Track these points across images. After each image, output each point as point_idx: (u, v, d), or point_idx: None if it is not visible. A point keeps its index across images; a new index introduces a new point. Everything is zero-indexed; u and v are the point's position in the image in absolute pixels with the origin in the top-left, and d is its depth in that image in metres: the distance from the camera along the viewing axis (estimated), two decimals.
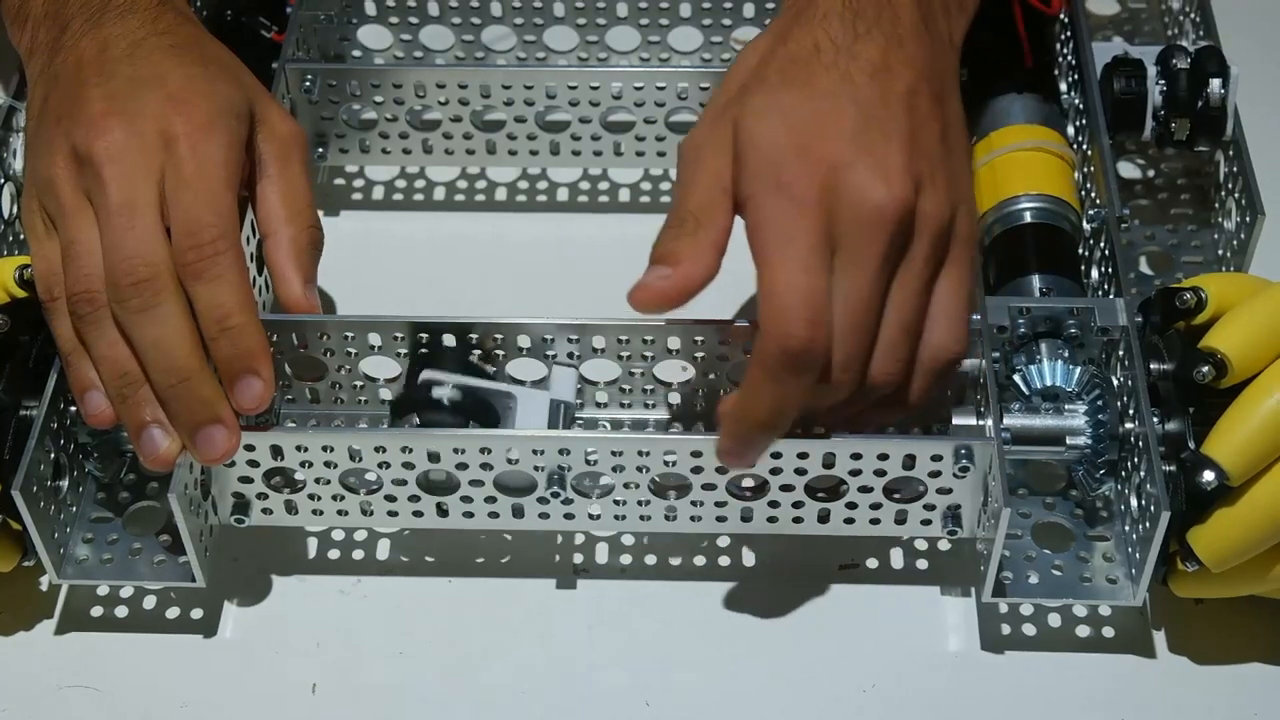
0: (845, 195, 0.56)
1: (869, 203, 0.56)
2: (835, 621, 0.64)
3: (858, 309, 0.57)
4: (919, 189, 0.57)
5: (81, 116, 0.61)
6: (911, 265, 0.58)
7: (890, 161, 0.57)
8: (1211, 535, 0.58)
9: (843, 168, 0.57)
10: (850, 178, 0.57)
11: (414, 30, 0.81)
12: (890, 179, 0.57)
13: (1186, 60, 0.72)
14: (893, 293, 0.57)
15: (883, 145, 0.57)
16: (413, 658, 0.64)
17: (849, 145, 0.57)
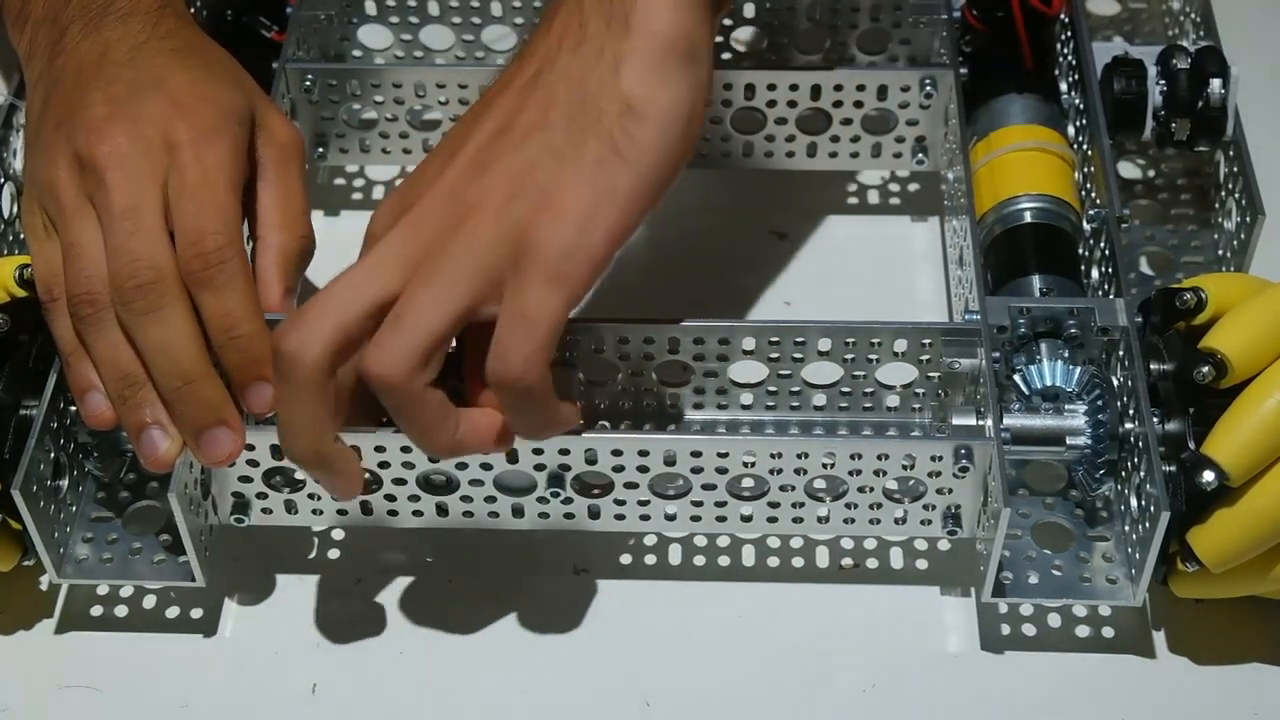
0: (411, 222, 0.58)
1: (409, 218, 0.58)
2: (835, 621, 0.64)
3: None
4: (464, 209, 0.57)
5: (83, 121, 0.61)
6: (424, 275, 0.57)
7: (437, 181, 0.58)
8: (1211, 536, 0.58)
9: (420, 192, 0.58)
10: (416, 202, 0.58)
11: (414, 30, 0.81)
12: (430, 196, 0.58)
13: (1187, 60, 0.72)
14: None
15: (444, 170, 0.58)
16: (413, 658, 0.64)
17: (431, 174, 0.59)
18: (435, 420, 0.57)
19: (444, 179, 0.57)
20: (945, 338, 0.64)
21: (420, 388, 0.56)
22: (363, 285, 0.56)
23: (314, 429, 0.57)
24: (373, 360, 0.55)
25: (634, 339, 0.65)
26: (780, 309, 0.74)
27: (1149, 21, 0.85)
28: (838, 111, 0.74)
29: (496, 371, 0.55)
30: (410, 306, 0.55)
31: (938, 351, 0.64)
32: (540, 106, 0.57)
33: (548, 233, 0.55)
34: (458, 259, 0.55)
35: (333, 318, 0.56)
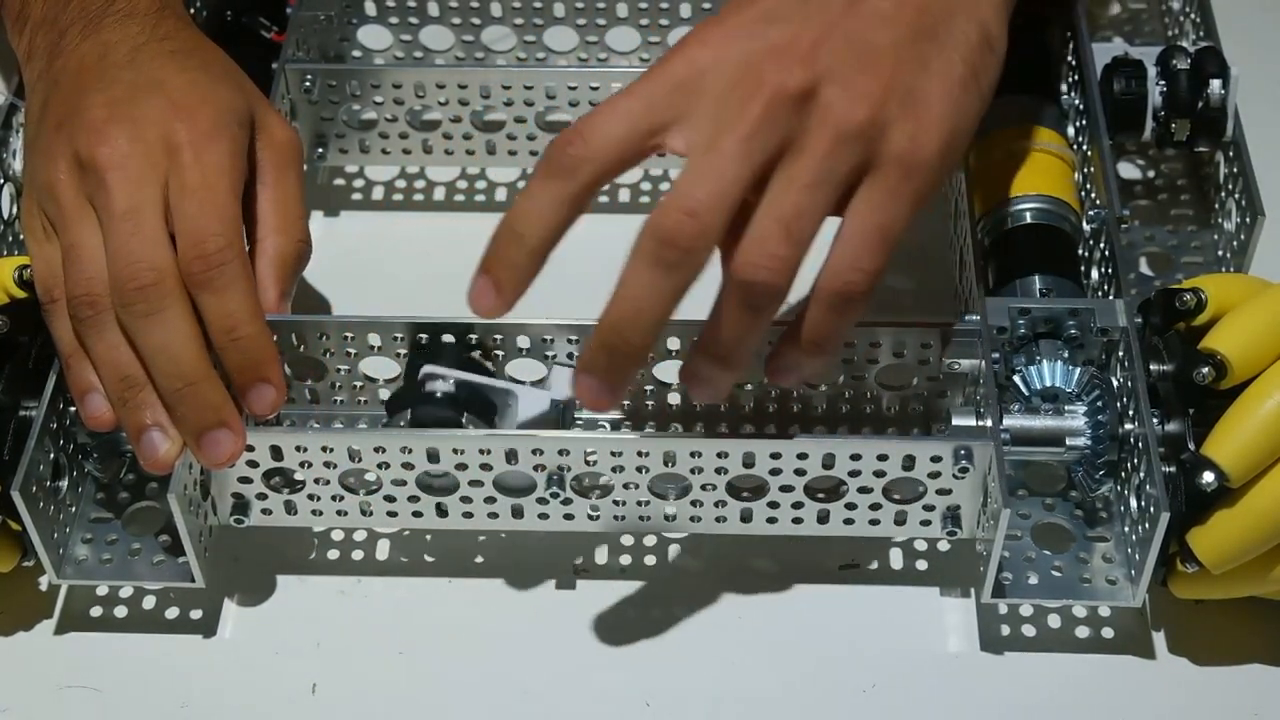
0: (725, 66, 0.54)
1: (746, 77, 0.53)
2: (835, 621, 0.64)
3: (710, 170, 0.53)
4: (819, 84, 0.53)
5: (83, 122, 0.61)
6: (798, 157, 0.53)
7: (791, 44, 0.53)
8: (1211, 536, 0.58)
9: (739, 39, 0.54)
10: (738, 48, 0.54)
11: (414, 30, 0.81)
12: (780, 61, 0.53)
13: (1186, 61, 0.72)
14: (772, 183, 0.53)
15: (793, 27, 0.54)
16: (413, 658, 0.64)
17: (759, 21, 0.54)
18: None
19: (809, 38, 0.53)
20: (945, 338, 0.64)
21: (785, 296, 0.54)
22: (742, 159, 0.53)
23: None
24: (769, 273, 0.53)
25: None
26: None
27: (1149, 22, 0.85)
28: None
29: (850, 285, 0.54)
30: (805, 214, 0.53)
31: (937, 352, 0.64)
32: (909, 6, 0.55)
33: (922, 150, 0.54)
34: (836, 158, 0.53)
35: (714, 186, 0.52)
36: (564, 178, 0.54)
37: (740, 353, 0.56)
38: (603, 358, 0.55)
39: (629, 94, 0.54)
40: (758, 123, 0.53)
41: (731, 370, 0.56)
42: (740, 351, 0.56)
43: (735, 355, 0.56)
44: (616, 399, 0.56)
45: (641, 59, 0.82)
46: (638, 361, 0.55)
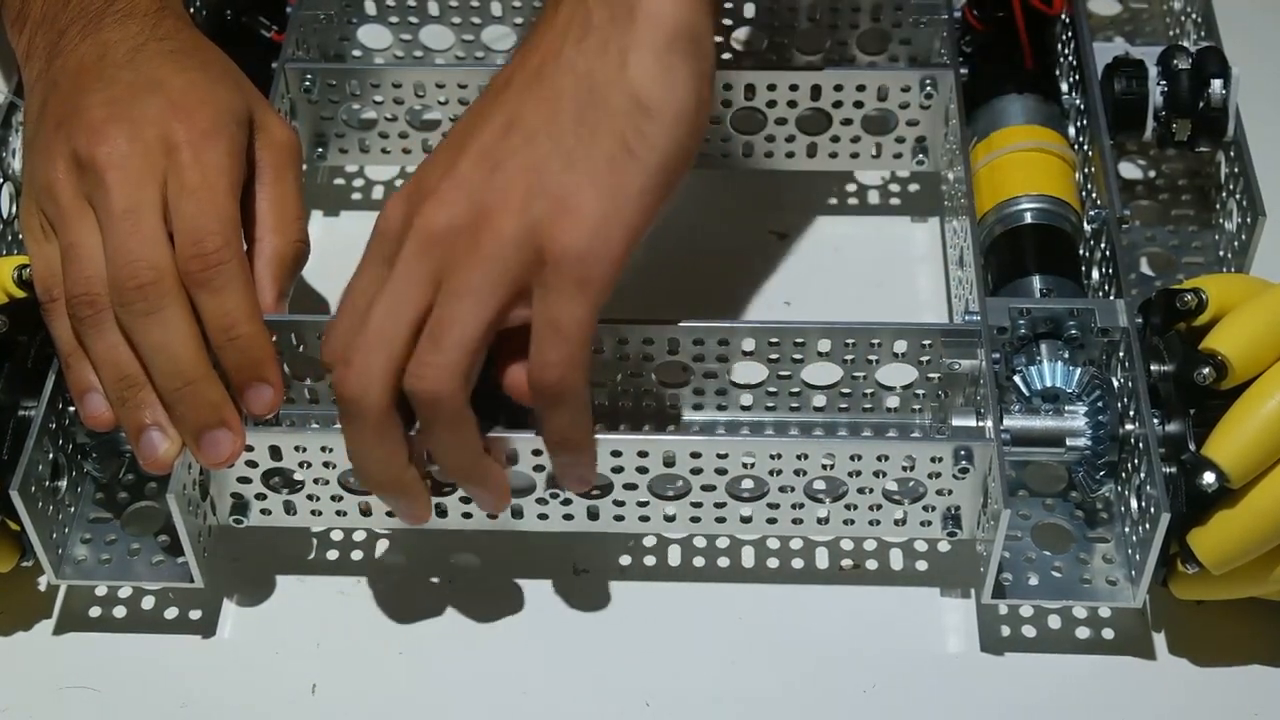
0: (392, 236, 0.58)
1: (402, 232, 0.57)
2: (835, 622, 0.64)
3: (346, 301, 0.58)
4: (469, 210, 0.56)
5: (82, 122, 0.61)
6: (450, 275, 0.56)
7: (431, 189, 0.57)
8: (1212, 537, 0.58)
9: (395, 206, 0.58)
10: (397, 216, 0.58)
11: (414, 30, 0.81)
12: (422, 204, 0.57)
13: (1188, 61, 0.72)
14: None
15: (432, 175, 0.57)
16: (413, 658, 0.64)
17: (411, 186, 0.58)
18: (473, 437, 0.58)
19: (456, 174, 0.56)
20: (945, 339, 0.64)
21: (465, 401, 0.56)
22: (399, 308, 0.56)
23: (393, 461, 0.58)
24: (422, 380, 0.55)
25: (633, 340, 0.65)
26: (780, 309, 0.74)
27: (1150, 22, 0.85)
28: (838, 112, 0.74)
29: (539, 380, 0.56)
30: (447, 322, 0.55)
31: (938, 352, 0.64)
32: (548, 102, 0.56)
33: (568, 238, 0.54)
34: (485, 268, 0.55)
35: (382, 352, 0.56)
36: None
37: (467, 465, 0.59)
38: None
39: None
40: (409, 262, 0.56)
41: (483, 484, 0.59)
42: (466, 465, 0.59)
43: (471, 470, 0.59)
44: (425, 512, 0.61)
45: None
46: (397, 487, 0.59)
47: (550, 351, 0.55)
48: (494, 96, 0.58)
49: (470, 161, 0.56)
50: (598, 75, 0.55)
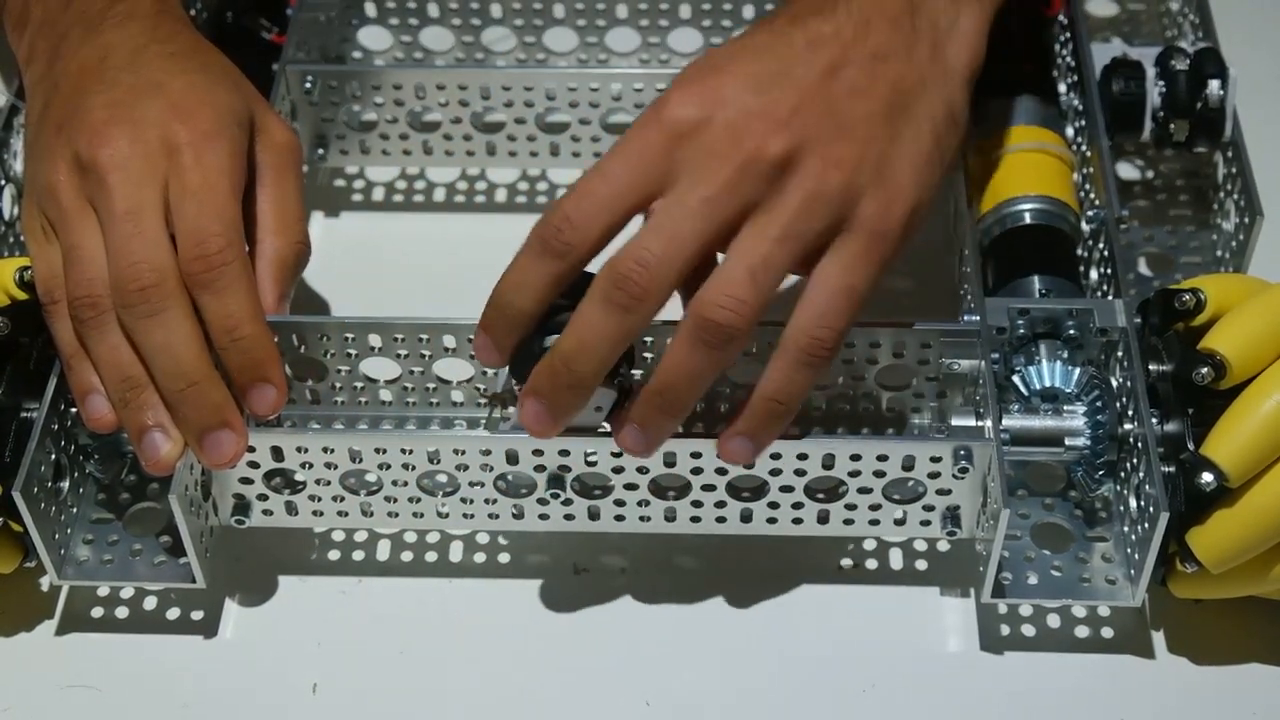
0: (706, 129, 0.55)
1: (721, 141, 0.55)
2: (835, 621, 0.64)
3: (668, 224, 0.55)
4: (798, 149, 0.55)
5: (84, 124, 0.61)
6: (770, 214, 0.55)
7: (770, 109, 0.55)
8: (1210, 536, 0.58)
9: (722, 103, 0.56)
10: (723, 114, 0.55)
11: (414, 32, 0.81)
12: (761, 124, 0.55)
13: (1185, 61, 0.72)
14: (741, 234, 0.55)
15: (774, 94, 0.55)
16: (413, 658, 0.64)
17: (741, 86, 0.56)
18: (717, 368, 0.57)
19: (799, 110, 0.55)
20: (944, 339, 0.64)
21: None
22: (702, 224, 0.55)
23: (549, 291, 0.57)
24: (724, 311, 0.55)
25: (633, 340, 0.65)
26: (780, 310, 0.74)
27: (1148, 23, 0.85)
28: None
29: (822, 339, 0.55)
30: (763, 263, 0.55)
31: (937, 353, 0.64)
32: (888, 83, 0.57)
33: (891, 218, 0.56)
34: (799, 216, 0.55)
35: (669, 239, 0.55)
36: (554, 259, 0.56)
37: (686, 399, 0.57)
38: (547, 384, 0.57)
39: (612, 172, 0.56)
40: (726, 184, 0.55)
41: (674, 418, 0.58)
42: (687, 398, 0.57)
43: (681, 401, 0.57)
44: (557, 427, 0.58)
45: (641, 60, 0.82)
46: (581, 393, 0.57)
47: (838, 316, 0.56)
48: (831, 51, 0.57)
49: (815, 104, 0.56)
50: (927, 78, 0.58)
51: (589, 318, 0.56)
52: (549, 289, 0.56)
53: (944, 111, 0.59)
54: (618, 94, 0.75)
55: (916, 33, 0.59)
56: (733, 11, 0.80)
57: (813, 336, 0.56)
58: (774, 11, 0.60)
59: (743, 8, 0.80)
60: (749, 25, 0.80)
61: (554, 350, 0.56)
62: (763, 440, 0.58)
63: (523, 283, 0.57)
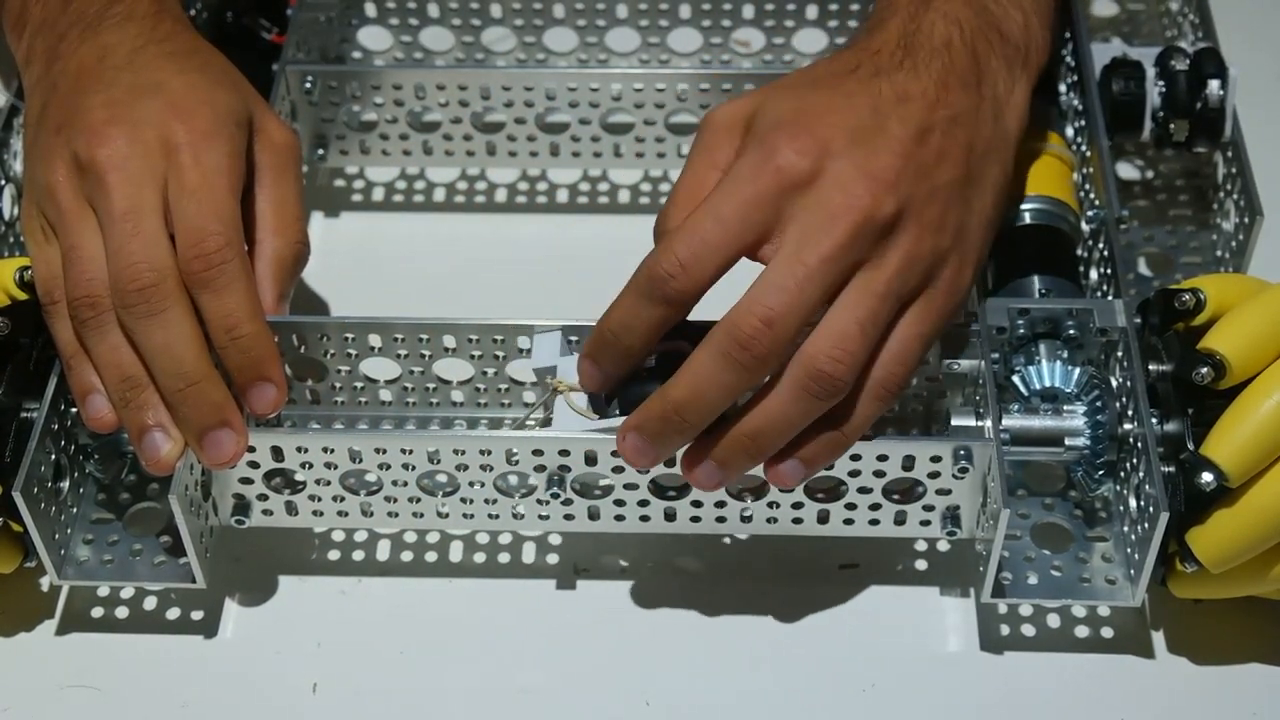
0: (820, 181, 0.56)
1: (838, 196, 0.56)
2: (835, 621, 0.64)
3: (791, 284, 0.55)
4: (901, 212, 0.57)
5: (83, 124, 0.61)
6: (875, 273, 0.57)
7: (879, 170, 0.57)
8: (1210, 536, 0.58)
9: (831, 155, 0.57)
10: (832, 165, 0.56)
11: (414, 32, 0.81)
12: (872, 185, 0.56)
13: (1185, 62, 0.72)
14: (850, 289, 0.57)
15: (879, 153, 0.57)
16: (413, 658, 0.64)
17: (845, 138, 0.57)
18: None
19: (887, 161, 0.57)
20: (944, 339, 0.64)
21: None
22: (813, 292, 0.56)
23: (658, 333, 0.58)
24: (842, 364, 0.56)
25: None
26: None
27: (1147, 23, 0.85)
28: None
29: (895, 373, 0.58)
30: (874, 319, 0.57)
31: (937, 353, 0.64)
32: (963, 149, 0.59)
33: (964, 279, 0.59)
34: (910, 273, 0.57)
35: (795, 299, 0.56)
36: (665, 305, 0.57)
37: (776, 445, 0.58)
38: (655, 426, 0.58)
39: (724, 216, 0.56)
40: (844, 244, 0.56)
41: (756, 462, 0.59)
42: (777, 444, 0.58)
43: (771, 447, 0.58)
44: (655, 462, 0.59)
45: (640, 60, 0.82)
46: (687, 438, 0.58)
47: (914, 359, 0.58)
48: (919, 111, 0.59)
49: (912, 167, 0.57)
50: (990, 138, 0.60)
51: (707, 370, 0.56)
52: (657, 332, 0.58)
53: (1002, 179, 0.61)
54: (618, 94, 0.75)
55: (982, 99, 0.61)
56: (732, 11, 0.80)
57: (891, 372, 0.58)
58: (850, 55, 0.61)
59: (743, 7, 0.80)
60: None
61: (667, 394, 0.57)
62: (817, 467, 0.60)
63: (631, 325, 0.58)
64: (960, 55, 0.61)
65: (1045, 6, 0.65)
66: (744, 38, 0.81)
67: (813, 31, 0.80)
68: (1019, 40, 0.63)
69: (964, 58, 0.61)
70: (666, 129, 0.76)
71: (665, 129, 0.76)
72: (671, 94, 0.75)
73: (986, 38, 0.62)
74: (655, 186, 0.80)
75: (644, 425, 0.58)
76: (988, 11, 0.63)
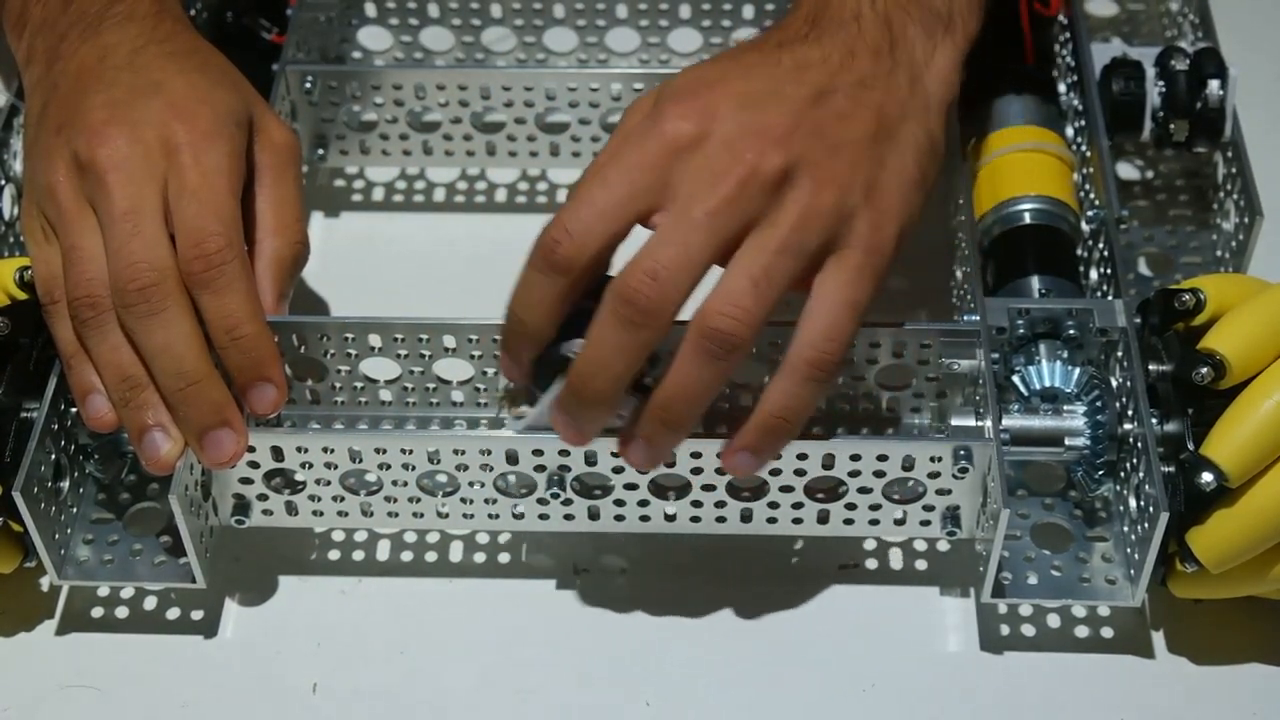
0: (706, 143, 0.56)
1: (724, 155, 0.56)
2: (835, 621, 0.64)
3: (676, 237, 0.55)
4: (793, 167, 0.56)
5: (83, 124, 0.61)
6: (769, 228, 0.56)
7: (767, 128, 0.56)
8: (1210, 536, 0.58)
9: (718, 118, 0.56)
10: (717, 128, 0.56)
11: (414, 32, 0.81)
12: (758, 142, 0.56)
13: (1185, 61, 0.72)
14: (743, 247, 0.56)
15: (768, 112, 0.56)
16: (413, 658, 0.64)
17: (734, 103, 0.57)
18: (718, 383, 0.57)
19: (795, 128, 0.56)
20: (944, 339, 0.64)
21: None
22: (707, 241, 0.55)
23: (557, 305, 0.57)
24: (735, 320, 0.55)
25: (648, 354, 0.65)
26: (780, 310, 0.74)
27: (1147, 23, 0.85)
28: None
29: (828, 353, 0.56)
30: (766, 276, 0.55)
31: (937, 353, 0.64)
32: (871, 110, 0.58)
33: (883, 236, 0.57)
34: (800, 233, 0.56)
35: (678, 252, 0.55)
36: (557, 274, 0.56)
37: (691, 413, 0.57)
38: (572, 401, 0.58)
39: (609, 181, 0.56)
40: (729, 197, 0.55)
41: (679, 433, 0.58)
42: (692, 412, 0.57)
43: (686, 415, 0.57)
44: (586, 438, 0.59)
45: (640, 60, 0.82)
46: (605, 407, 0.58)
47: (841, 329, 0.56)
48: (819, 75, 0.58)
49: (807, 125, 0.57)
50: (908, 107, 0.59)
51: (601, 335, 0.56)
52: (556, 304, 0.57)
53: (925, 140, 0.59)
54: (618, 94, 0.75)
55: (896, 64, 0.60)
56: (732, 11, 0.80)
57: (818, 350, 0.56)
58: (759, 36, 0.61)
59: (742, 7, 0.80)
60: (746, 39, 0.80)
61: (572, 369, 0.57)
62: (766, 455, 0.59)
63: (529, 301, 0.57)
64: (870, 25, 0.60)
65: None
66: (744, 38, 0.81)
67: None
68: (940, 8, 0.62)
69: (874, 27, 0.60)
70: None
71: None
72: None
73: (903, 6, 0.61)
74: None
75: (564, 402, 0.58)
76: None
